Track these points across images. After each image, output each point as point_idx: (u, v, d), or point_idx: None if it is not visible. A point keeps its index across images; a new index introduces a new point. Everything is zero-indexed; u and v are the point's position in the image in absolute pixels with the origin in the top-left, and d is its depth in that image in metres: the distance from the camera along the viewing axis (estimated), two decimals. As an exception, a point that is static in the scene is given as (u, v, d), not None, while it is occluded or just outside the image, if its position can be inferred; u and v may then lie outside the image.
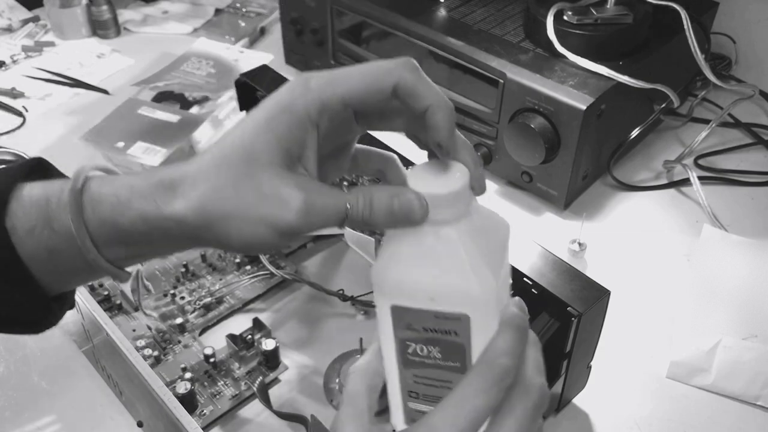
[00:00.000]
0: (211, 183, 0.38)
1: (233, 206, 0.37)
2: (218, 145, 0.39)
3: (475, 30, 0.86)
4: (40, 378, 0.65)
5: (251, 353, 0.65)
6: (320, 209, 0.37)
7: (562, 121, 0.75)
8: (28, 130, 0.98)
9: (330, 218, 0.38)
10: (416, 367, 0.38)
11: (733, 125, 0.96)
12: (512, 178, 0.85)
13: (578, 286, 0.55)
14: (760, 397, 0.63)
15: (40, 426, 0.61)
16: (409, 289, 0.35)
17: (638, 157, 0.92)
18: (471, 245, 0.35)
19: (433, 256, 0.35)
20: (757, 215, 0.83)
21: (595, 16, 0.82)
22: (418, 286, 0.35)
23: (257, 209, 0.37)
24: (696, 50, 0.83)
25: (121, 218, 0.39)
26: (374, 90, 0.39)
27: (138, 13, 1.25)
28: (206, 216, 0.38)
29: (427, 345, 0.37)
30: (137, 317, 0.68)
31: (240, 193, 0.37)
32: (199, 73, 1.01)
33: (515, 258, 0.57)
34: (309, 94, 0.38)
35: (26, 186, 0.42)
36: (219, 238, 0.38)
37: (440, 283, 0.35)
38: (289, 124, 0.38)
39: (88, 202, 0.40)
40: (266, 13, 1.24)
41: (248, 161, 0.37)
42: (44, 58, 1.12)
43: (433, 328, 0.36)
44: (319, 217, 0.38)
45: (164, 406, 0.52)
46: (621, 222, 0.83)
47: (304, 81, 0.39)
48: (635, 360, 0.67)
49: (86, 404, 0.63)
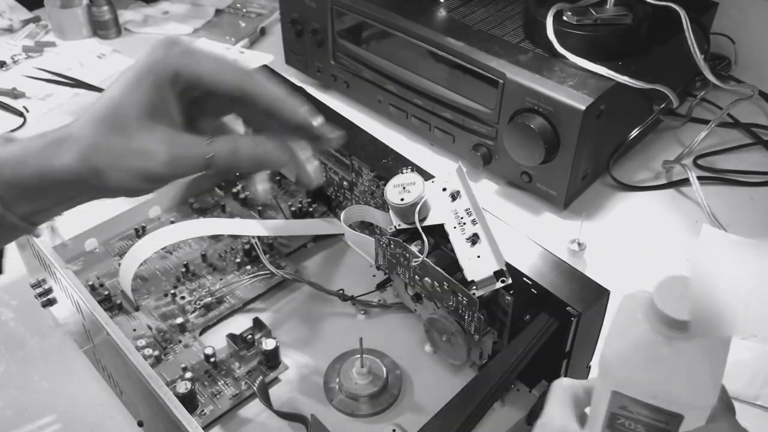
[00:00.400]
0: (91, 138, 0.44)
1: (108, 157, 0.43)
2: (96, 103, 0.44)
3: (475, 30, 0.87)
4: (40, 378, 0.65)
5: (251, 353, 0.65)
6: (183, 158, 0.44)
7: (562, 122, 0.75)
8: (28, 130, 0.98)
9: (194, 166, 0.44)
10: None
11: (733, 125, 0.96)
12: (512, 178, 0.85)
13: (578, 285, 0.55)
14: (760, 397, 0.64)
15: (40, 426, 0.62)
16: (636, 386, 0.40)
17: (638, 157, 0.92)
18: (701, 361, 0.39)
19: (665, 365, 0.39)
20: (757, 215, 0.83)
21: (595, 16, 0.82)
22: (646, 387, 0.39)
23: (128, 160, 0.43)
24: (695, 50, 0.83)
25: (20, 176, 0.44)
26: (221, 85, 0.46)
27: (138, 14, 1.25)
28: (90, 166, 0.43)
29: (635, 423, 0.41)
30: (137, 317, 0.68)
31: (113, 146, 0.43)
32: (199, 74, 1.02)
33: (515, 257, 0.57)
34: (167, 60, 0.44)
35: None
36: (105, 185, 0.44)
37: (667, 390, 0.39)
38: (152, 82, 0.44)
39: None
40: (266, 14, 1.24)
41: (119, 116, 0.43)
42: (45, 59, 1.13)
43: (647, 416, 0.41)
44: (182, 166, 0.44)
45: (164, 406, 0.52)
46: (620, 222, 0.83)
47: (167, 46, 0.44)
48: (634, 360, 0.67)
49: (86, 404, 0.63)
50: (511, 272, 0.56)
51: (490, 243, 0.57)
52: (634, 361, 0.40)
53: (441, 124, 0.89)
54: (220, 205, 0.81)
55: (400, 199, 0.60)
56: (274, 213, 0.80)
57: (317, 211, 0.80)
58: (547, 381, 0.59)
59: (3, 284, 0.74)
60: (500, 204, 0.85)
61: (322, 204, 0.82)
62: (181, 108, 0.46)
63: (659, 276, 0.41)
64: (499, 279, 0.56)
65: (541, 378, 0.60)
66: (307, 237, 0.78)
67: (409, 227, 0.61)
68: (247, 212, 0.81)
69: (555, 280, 0.56)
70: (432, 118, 0.90)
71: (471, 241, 0.58)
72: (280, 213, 0.80)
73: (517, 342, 0.56)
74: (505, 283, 0.56)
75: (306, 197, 0.81)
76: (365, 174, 0.71)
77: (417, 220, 0.60)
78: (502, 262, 0.56)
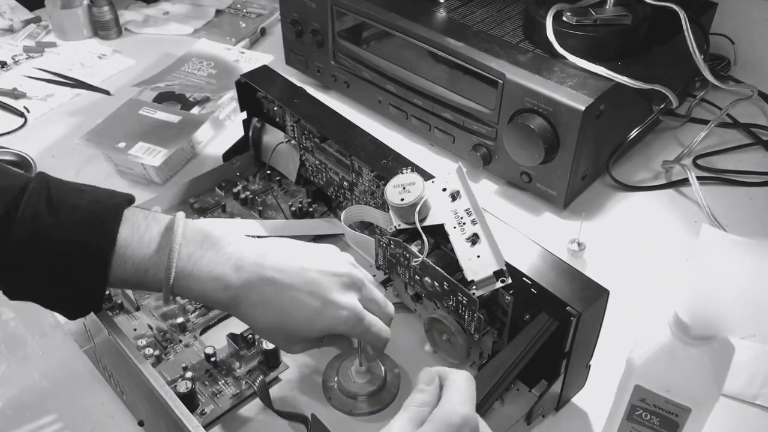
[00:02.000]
0: (259, 330, 0.59)
1: (282, 328, 0.57)
2: (281, 314, 0.56)
3: (475, 31, 0.87)
4: (41, 377, 0.65)
5: (252, 352, 0.65)
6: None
7: (562, 122, 0.75)
8: (29, 131, 0.98)
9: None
10: (636, 423, 0.52)
11: (732, 125, 0.96)
12: (512, 178, 0.86)
13: (577, 285, 0.56)
14: (759, 396, 0.64)
15: (41, 425, 0.62)
16: (656, 381, 0.49)
17: (637, 157, 0.92)
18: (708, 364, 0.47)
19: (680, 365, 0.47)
20: (756, 215, 0.83)
21: (594, 16, 0.82)
22: (664, 382, 0.48)
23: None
24: (695, 51, 0.84)
25: (195, 295, 0.56)
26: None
27: (139, 14, 1.25)
28: (255, 323, 0.57)
29: (651, 414, 0.51)
30: (138, 317, 0.68)
31: (274, 340, 0.61)
32: (199, 74, 1.02)
33: (514, 257, 0.57)
34: (351, 332, 0.58)
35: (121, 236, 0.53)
36: (252, 325, 0.59)
37: (681, 386, 0.48)
38: (331, 331, 0.58)
39: (177, 286, 0.54)
40: (267, 14, 1.24)
41: (292, 338, 0.58)
42: (45, 59, 1.13)
43: (660, 407, 0.50)
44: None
45: (165, 405, 0.52)
46: (620, 222, 0.83)
47: (355, 322, 0.58)
48: (634, 359, 0.67)
49: (87, 403, 0.63)
50: (510, 272, 0.57)
51: (490, 243, 0.58)
52: (656, 360, 0.48)
53: (441, 124, 0.89)
54: (220, 205, 0.81)
55: (400, 199, 0.60)
56: (274, 213, 0.80)
57: (317, 211, 0.80)
58: (547, 381, 0.59)
59: (4, 284, 0.74)
60: (500, 204, 0.85)
61: (322, 204, 0.82)
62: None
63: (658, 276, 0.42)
64: (499, 279, 0.56)
65: (541, 378, 0.60)
66: (307, 237, 0.78)
67: (409, 227, 0.61)
68: (248, 212, 0.81)
69: (555, 280, 0.56)
70: (432, 118, 0.90)
71: (471, 241, 0.58)
72: (280, 213, 0.80)
73: (517, 342, 0.56)
74: (504, 282, 0.56)
75: (306, 197, 0.81)
76: (365, 174, 0.71)
77: (417, 220, 0.60)
78: (502, 262, 0.57)
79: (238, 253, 0.55)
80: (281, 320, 0.56)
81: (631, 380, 0.50)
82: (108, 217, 0.53)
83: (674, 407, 0.49)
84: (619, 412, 0.53)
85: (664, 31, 0.86)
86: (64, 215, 0.52)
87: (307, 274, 0.56)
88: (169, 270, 0.53)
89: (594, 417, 0.62)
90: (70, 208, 0.52)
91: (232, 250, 0.55)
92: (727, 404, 0.64)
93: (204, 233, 0.56)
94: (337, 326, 0.57)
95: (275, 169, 0.85)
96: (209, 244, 0.55)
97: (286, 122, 0.80)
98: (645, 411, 0.51)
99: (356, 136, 0.74)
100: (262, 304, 0.55)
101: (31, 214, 0.51)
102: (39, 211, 0.51)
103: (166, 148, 0.84)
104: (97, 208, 0.53)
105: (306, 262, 0.57)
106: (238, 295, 0.55)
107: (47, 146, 0.94)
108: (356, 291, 0.58)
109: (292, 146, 0.81)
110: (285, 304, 0.55)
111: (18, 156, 0.87)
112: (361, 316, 0.57)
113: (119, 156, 0.85)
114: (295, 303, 0.55)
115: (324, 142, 0.76)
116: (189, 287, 0.55)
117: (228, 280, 0.55)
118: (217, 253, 0.55)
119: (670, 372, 0.48)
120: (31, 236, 0.51)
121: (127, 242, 0.53)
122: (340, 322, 0.56)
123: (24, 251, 0.51)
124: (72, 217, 0.52)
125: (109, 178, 0.88)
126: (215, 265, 0.55)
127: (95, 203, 0.53)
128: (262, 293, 0.55)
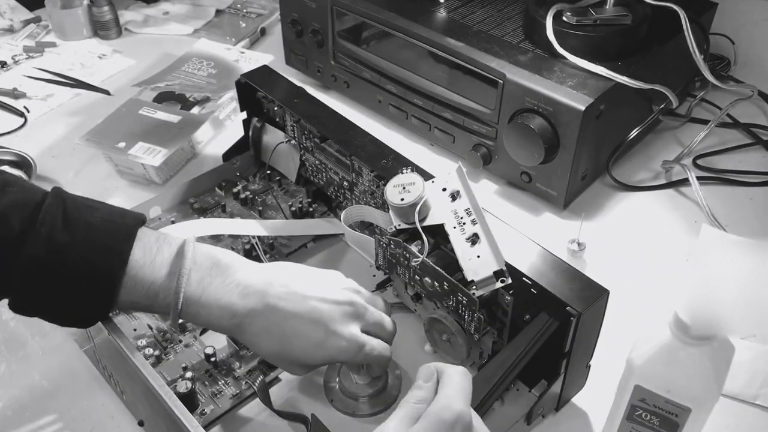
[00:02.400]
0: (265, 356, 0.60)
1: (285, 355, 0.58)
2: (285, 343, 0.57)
3: (475, 31, 0.87)
4: (41, 377, 0.65)
5: (252, 352, 0.65)
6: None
7: (562, 122, 0.75)
8: (29, 131, 0.98)
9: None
10: (636, 423, 0.52)
11: (732, 125, 0.96)
12: (511, 178, 0.86)
13: (577, 285, 0.56)
14: (759, 396, 0.64)
15: (41, 425, 0.62)
16: (656, 381, 0.49)
17: (637, 157, 0.92)
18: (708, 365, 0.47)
19: (680, 365, 0.47)
20: (756, 215, 0.83)
21: (594, 16, 0.82)
22: (664, 382, 0.48)
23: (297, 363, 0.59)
24: (695, 51, 0.84)
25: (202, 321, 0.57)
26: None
27: (139, 14, 1.25)
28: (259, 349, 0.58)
29: (651, 414, 0.51)
30: (138, 317, 0.68)
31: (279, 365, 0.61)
32: (199, 74, 1.02)
33: (514, 257, 0.57)
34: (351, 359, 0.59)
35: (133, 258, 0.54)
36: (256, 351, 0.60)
37: (679, 386, 0.48)
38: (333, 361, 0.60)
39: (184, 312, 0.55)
40: (267, 14, 1.24)
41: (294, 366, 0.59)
42: (45, 59, 1.13)
43: (660, 407, 0.50)
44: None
45: (165, 405, 0.52)
46: (620, 222, 0.83)
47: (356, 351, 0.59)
48: (634, 359, 0.67)
49: (87, 403, 0.63)
50: (510, 272, 0.57)
51: (490, 243, 0.57)
52: (656, 360, 0.48)
53: (441, 124, 0.89)
54: (220, 205, 0.81)
55: (400, 199, 0.60)
56: (274, 213, 0.80)
57: (317, 211, 0.80)
58: (547, 381, 0.59)
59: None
60: (500, 204, 0.85)
61: (322, 204, 0.82)
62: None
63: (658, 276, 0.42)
64: (499, 279, 0.56)
65: (541, 378, 0.60)
66: (307, 237, 0.78)
67: (409, 227, 0.61)
68: (248, 212, 0.81)
69: (555, 280, 0.56)
70: (432, 118, 0.90)
71: (471, 241, 0.58)
72: (280, 213, 0.80)
73: (516, 341, 0.56)
74: (504, 282, 0.56)
75: (306, 197, 0.81)
76: (365, 174, 0.71)
77: (417, 220, 0.60)
78: (502, 262, 0.57)
79: (245, 280, 0.56)
80: (284, 347, 0.57)
81: (631, 380, 0.50)
82: (121, 238, 0.53)
83: (674, 407, 0.49)
84: (619, 412, 0.53)
85: (664, 31, 0.86)
86: (79, 233, 0.52)
87: (309, 303, 0.57)
88: (177, 295, 0.54)
89: (594, 417, 0.62)
90: (84, 225, 0.52)
91: (239, 278, 0.56)
92: (727, 404, 0.63)
93: (213, 259, 0.56)
94: (338, 356, 0.58)
95: (275, 169, 0.85)
96: (218, 270, 0.56)
97: (286, 122, 0.80)
98: (645, 411, 0.51)
99: (356, 136, 0.74)
100: (265, 332, 0.56)
101: (47, 232, 0.51)
102: (54, 228, 0.51)
103: (166, 148, 0.84)
104: (110, 228, 0.53)
105: (308, 290, 0.58)
106: (243, 322, 0.56)
107: (47, 146, 0.94)
108: (358, 320, 0.59)
109: (292, 146, 0.81)
110: (288, 333, 0.56)
111: (18, 156, 0.87)
112: (362, 344, 0.58)
113: (119, 156, 0.85)
114: (298, 332, 0.56)
115: (324, 142, 0.76)
116: (197, 313, 0.55)
117: (234, 308, 0.55)
118: (225, 281, 0.56)
119: (670, 372, 0.48)
120: (46, 253, 0.51)
121: (138, 264, 0.53)
122: (340, 352, 0.58)
123: (37, 268, 0.51)
124: (86, 236, 0.52)
125: (109, 178, 0.88)
126: (223, 293, 0.55)
127: (109, 222, 0.54)
128: (266, 321, 0.56)
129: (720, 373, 0.48)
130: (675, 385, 0.48)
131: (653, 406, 0.50)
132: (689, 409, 0.48)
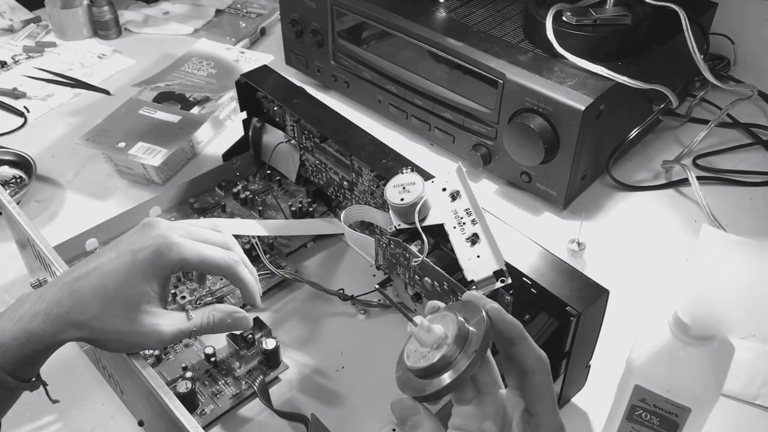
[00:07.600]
0: (99, 324, 0.52)
1: (115, 339, 0.53)
2: (98, 284, 0.52)
3: (475, 31, 0.87)
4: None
5: (252, 352, 0.65)
6: (175, 337, 0.55)
7: (561, 122, 0.75)
8: (29, 131, 0.98)
9: (182, 337, 0.56)
10: (636, 423, 0.52)
11: (732, 125, 0.96)
12: (511, 178, 0.86)
13: (577, 285, 0.56)
14: (759, 396, 0.64)
15: (41, 425, 0.62)
16: (656, 381, 0.49)
17: (637, 157, 0.92)
18: (708, 366, 0.47)
19: (680, 365, 0.47)
20: (756, 215, 0.83)
21: (594, 16, 0.82)
22: (664, 382, 0.49)
23: (130, 339, 0.53)
24: (695, 51, 0.84)
25: (27, 353, 0.51)
26: (209, 272, 0.59)
27: (139, 14, 1.25)
28: (94, 339, 0.53)
29: (650, 414, 0.51)
30: (138, 317, 0.68)
31: (120, 330, 0.53)
32: (199, 74, 1.02)
33: (514, 257, 0.57)
34: (171, 259, 0.54)
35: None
36: (103, 348, 0.54)
37: (679, 386, 0.48)
38: (157, 276, 0.54)
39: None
40: (267, 14, 1.24)
41: (127, 306, 0.52)
42: (45, 59, 1.13)
43: (660, 407, 0.50)
44: (173, 342, 0.56)
45: (165, 405, 0.52)
46: (620, 222, 0.83)
47: (167, 249, 0.54)
48: (634, 359, 0.67)
49: (87, 403, 0.63)
50: (510, 272, 0.56)
51: (490, 243, 0.57)
52: (656, 360, 0.48)
53: (441, 124, 0.89)
54: (220, 204, 0.81)
55: (400, 199, 0.60)
56: (274, 213, 0.80)
57: (317, 211, 0.80)
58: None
59: (3, 284, 0.74)
60: (500, 204, 0.85)
61: (322, 204, 0.82)
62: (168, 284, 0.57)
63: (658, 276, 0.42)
64: (499, 279, 0.56)
65: (541, 377, 0.60)
66: (307, 237, 0.78)
67: (409, 227, 0.61)
68: (247, 212, 0.81)
69: (555, 280, 0.56)
70: (432, 118, 0.90)
71: (471, 241, 0.58)
72: (280, 213, 0.80)
73: (516, 341, 0.56)
74: (504, 283, 0.56)
75: (306, 197, 0.81)
76: (365, 174, 0.71)
77: (417, 220, 0.60)
78: (502, 262, 0.57)
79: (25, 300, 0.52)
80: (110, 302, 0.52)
81: (631, 380, 0.50)
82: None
83: (674, 407, 0.49)
84: (619, 412, 0.53)
85: (664, 31, 0.86)
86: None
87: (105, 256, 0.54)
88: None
89: (594, 417, 0.62)
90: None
91: (18, 307, 0.52)
92: (727, 404, 0.64)
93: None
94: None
95: (275, 169, 0.85)
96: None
97: (286, 122, 0.80)
98: (645, 411, 0.51)
99: (356, 136, 0.74)
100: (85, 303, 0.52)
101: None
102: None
103: (166, 148, 0.84)
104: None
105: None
106: (57, 314, 0.51)
107: (47, 146, 0.94)
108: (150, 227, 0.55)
109: (292, 146, 0.81)
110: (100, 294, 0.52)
111: (18, 156, 0.87)
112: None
113: (119, 156, 0.85)
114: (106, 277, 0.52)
115: (324, 142, 0.76)
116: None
117: (34, 311, 0.51)
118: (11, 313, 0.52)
119: (670, 372, 0.48)
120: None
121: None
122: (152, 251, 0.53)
123: None
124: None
125: (109, 178, 0.88)
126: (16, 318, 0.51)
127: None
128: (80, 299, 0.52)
129: (720, 373, 0.48)
130: (675, 385, 0.48)
131: (653, 406, 0.50)
132: (689, 409, 0.49)
